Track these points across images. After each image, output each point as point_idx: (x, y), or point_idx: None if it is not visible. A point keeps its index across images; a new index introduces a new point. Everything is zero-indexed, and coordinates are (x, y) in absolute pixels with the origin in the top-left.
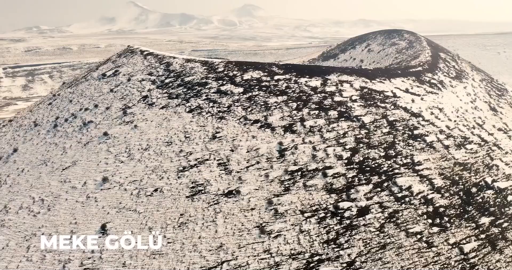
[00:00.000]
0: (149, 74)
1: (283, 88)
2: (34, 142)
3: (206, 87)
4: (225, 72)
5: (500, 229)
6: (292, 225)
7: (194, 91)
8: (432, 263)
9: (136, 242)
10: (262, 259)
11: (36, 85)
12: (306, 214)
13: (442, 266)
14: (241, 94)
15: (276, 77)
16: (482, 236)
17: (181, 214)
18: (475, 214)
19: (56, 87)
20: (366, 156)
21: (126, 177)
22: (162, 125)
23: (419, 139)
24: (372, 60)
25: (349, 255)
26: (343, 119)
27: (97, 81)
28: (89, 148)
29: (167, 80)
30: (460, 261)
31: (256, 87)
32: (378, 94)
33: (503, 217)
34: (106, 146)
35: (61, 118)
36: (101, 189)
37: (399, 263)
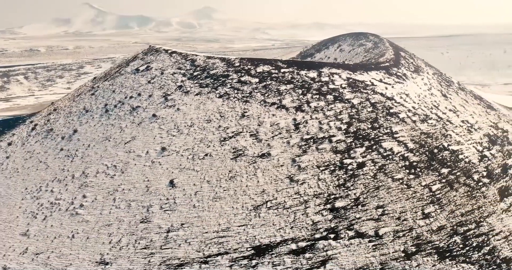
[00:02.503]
0: (178, 69)
1: (289, 79)
2: (91, 124)
3: (229, 78)
4: (241, 66)
5: (455, 176)
6: (312, 175)
7: (219, 81)
8: (411, 198)
9: (200, 191)
10: (294, 198)
11: (13, 86)
12: (321, 168)
13: (418, 200)
14: (258, 83)
15: (282, 70)
16: (443, 180)
17: (229, 171)
18: (437, 166)
19: (33, 88)
20: (358, 127)
21: (180, 146)
22: (200, 107)
23: (394, 116)
24: (344, 58)
25: (354, 194)
26: (338, 101)
27: (133, 75)
28: (143, 126)
29: (195, 73)
30: (430, 196)
31: (268, 78)
32: (360, 83)
33: (456, 168)
34: (157, 125)
35: (110, 104)
36: (162, 156)
37: (389, 198)
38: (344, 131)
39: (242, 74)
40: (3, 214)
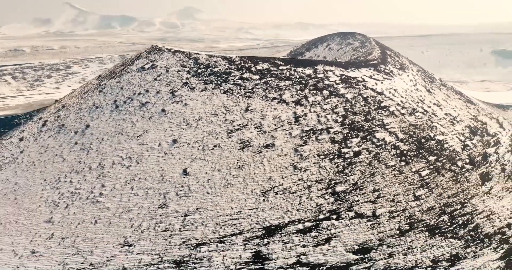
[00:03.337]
0: (182, 67)
1: (287, 75)
2: (102, 119)
3: (231, 75)
4: (242, 64)
5: (441, 163)
6: (313, 163)
7: (222, 78)
8: (403, 182)
9: (212, 179)
10: (299, 184)
11: (1, 86)
12: (321, 157)
13: (409, 184)
14: (259, 80)
15: (280, 67)
16: (431, 167)
17: (238, 160)
18: (425, 154)
19: (22, 88)
20: (353, 120)
21: (190, 139)
22: (206, 102)
23: (385, 109)
24: (333, 56)
25: (353, 179)
26: (333, 96)
27: (139, 72)
28: (153, 121)
29: (199, 71)
30: (420, 181)
31: (268, 75)
32: (352, 79)
33: (442, 156)
34: (167, 119)
35: (119, 101)
36: (174, 148)
37: (384, 183)
38: (341, 123)
39: (243, 71)
40: (25, 204)
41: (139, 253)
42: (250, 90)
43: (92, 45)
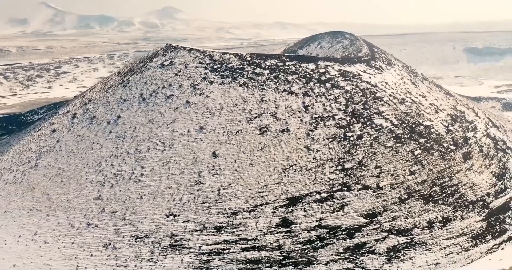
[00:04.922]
0: (199, 63)
1: (294, 70)
2: (132, 110)
3: (244, 70)
4: (253, 60)
5: (430, 144)
6: (324, 145)
7: (237, 73)
8: (400, 160)
9: (238, 159)
10: (313, 162)
11: None
12: (330, 139)
13: (405, 161)
14: (269, 74)
15: (286, 63)
16: (422, 147)
17: (259, 143)
18: (417, 137)
19: (15, 87)
20: (354, 108)
21: (215, 126)
22: (225, 94)
23: (379, 99)
24: (325, 54)
25: (358, 158)
26: (335, 88)
27: (159, 69)
28: (179, 111)
29: (215, 67)
30: (413, 159)
31: (277, 70)
32: (349, 73)
33: (430, 139)
34: (192, 109)
35: (145, 94)
36: (202, 134)
37: (384, 160)
38: (343, 111)
39: (255, 67)
40: (72, 185)
41: (184, 222)
42: (262, 83)
43: (78, 45)
